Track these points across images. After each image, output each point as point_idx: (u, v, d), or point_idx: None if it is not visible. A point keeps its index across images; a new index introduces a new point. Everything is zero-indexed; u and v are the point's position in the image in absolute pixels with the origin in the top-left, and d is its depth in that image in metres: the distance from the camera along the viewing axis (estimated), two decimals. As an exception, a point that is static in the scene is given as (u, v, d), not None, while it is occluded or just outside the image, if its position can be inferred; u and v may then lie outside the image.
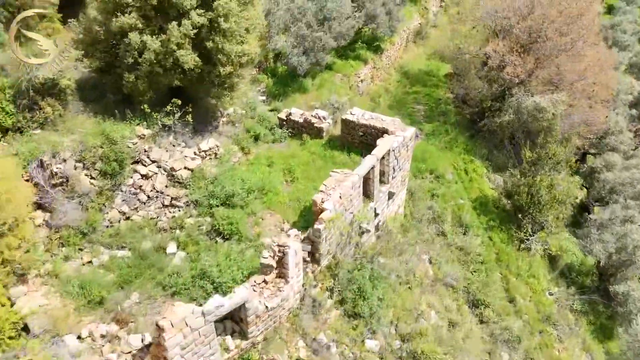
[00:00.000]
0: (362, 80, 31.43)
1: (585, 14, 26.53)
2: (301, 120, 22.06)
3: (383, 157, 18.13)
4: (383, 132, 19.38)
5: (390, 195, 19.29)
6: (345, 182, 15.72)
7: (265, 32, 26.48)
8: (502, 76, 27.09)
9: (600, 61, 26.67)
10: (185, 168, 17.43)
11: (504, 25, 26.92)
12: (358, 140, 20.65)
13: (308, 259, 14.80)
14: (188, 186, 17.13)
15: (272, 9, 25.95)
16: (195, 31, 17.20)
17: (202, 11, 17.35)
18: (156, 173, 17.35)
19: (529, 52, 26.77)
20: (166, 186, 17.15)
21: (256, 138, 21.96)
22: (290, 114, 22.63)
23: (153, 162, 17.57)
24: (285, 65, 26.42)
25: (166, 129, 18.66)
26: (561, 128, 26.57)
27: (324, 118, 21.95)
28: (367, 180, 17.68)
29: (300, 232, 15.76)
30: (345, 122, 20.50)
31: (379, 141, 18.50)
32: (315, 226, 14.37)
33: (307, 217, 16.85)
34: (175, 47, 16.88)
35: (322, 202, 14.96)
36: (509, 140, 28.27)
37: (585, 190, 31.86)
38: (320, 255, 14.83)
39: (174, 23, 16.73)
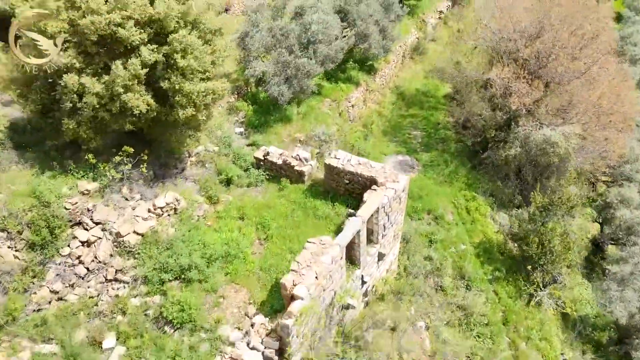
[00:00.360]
0: (353, 106, 28.68)
1: (601, 34, 23.80)
2: (280, 162, 19.28)
3: (372, 215, 15.38)
4: (371, 181, 16.61)
5: (381, 256, 16.53)
6: (323, 256, 12.95)
7: (242, 57, 23.84)
8: (508, 104, 24.34)
9: (617, 88, 23.92)
10: (134, 232, 14.62)
11: (509, 48, 24.16)
12: (343, 188, 17.88)
13: (275, 357, 12.02)
14: (137, 255, 14.33)
15: (250, 31, 23.21)
16: (146, 70, 14.44)
17: (155, 46, 14.59)
18: (100, 238, 14.56)
19: (537, 77, 24.03)
20: (111, 255, 14.37)
21: (229, 182, 19.20)
22: (267, 153, 19.85)
23: (97, 224, 14.78)
24: (267, 91, 23.68)
25: (117, 180, 15.90)
26: (574, 161, 23.84)
27: (306, 160, 19.16)
28: (351, 244, 14.93)
29: (268, 318, 12.99)
30: (329, 168, 17.72)
31: (366, 195, 15.74)
32: (283, 321, 11.59)
33: (280, 293, 14.05)
34: (121, 90, 14.11)
35: (294, 285, 12.18)
36: (515, 174, 25.49)
37: (598, 223, 29.19)
38: (290, 354, 12.05)
39: (119, 62, 13.95)
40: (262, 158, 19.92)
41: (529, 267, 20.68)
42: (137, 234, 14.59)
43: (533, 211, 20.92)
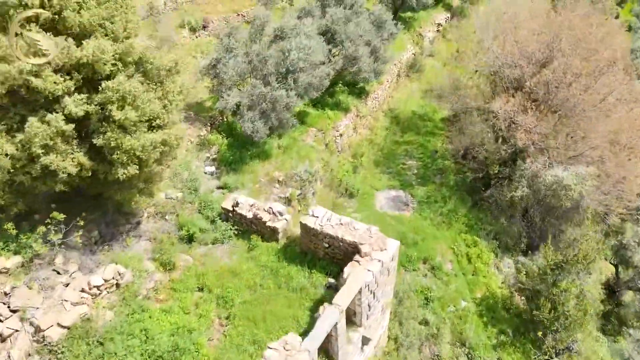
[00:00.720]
0: (341, 135, 25.97)
1: (618, 61, 21.13)
2: (250, 216, 16.56)
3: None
4: (354, 248, 13.92)
5: (366, 341, 13.82)
6: (287, 368, 10.23)
7: (214, 86, 21.18)
8: (513, 138, 21.66)
9: (637, 121, 21.23)
10: (58, 325, 11.90)
11: (514, 75, 21.47)
12: (323, 251, 15.18)
13: None
14: (59, 355, 11.61)
15: (223, 57, 20.52)
16: (73, 125, 11.76)
17: (85, 96, 11.89)
18: (17, 330, 11.85)
19: (546, 107, 21.36)
20: (29, 355, 11.64)
21: (190, 238, 16.53)
22: (237, 203, 17.13)
23: (15, 311, 12.07)
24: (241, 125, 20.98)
25: (50, 249, 13.21)
26: (587, 203, 21.18)
27: (280, 214, 16.45)
28: (328, 336, 12.21)
29: None
30: (306, 229, 15.01)
31: (346, 271, 13.04)
32: None
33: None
34: (40, 151, 11.42)
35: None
36: (521, 215, 22.81)
37: (611, 264, 26.49)
38: None
39: (34, 118, 11.25)
40: (231, 209, 17.22)
41: (540, 333, 17.96)
42: (62, 326, 11.86)
43: (544, 268, 18.20)
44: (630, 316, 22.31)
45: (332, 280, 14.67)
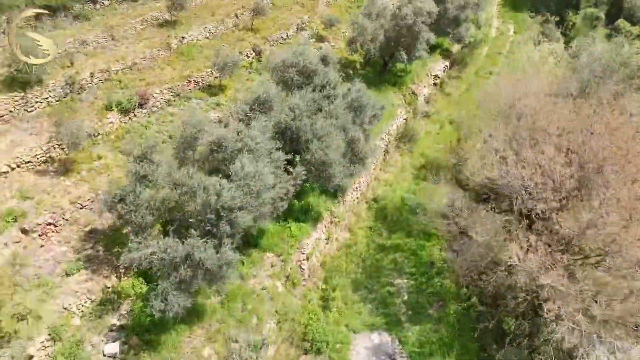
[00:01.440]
0: (308, 258, 20.03)
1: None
2: None
3: None
4: None
5: None
6: None
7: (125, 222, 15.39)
8: (536, 290, 15.81)
9: None
10: None
11: (535, 209, 15.60)
12: None
13: None
14: None
15: (134, 189, 14.69)
16: None
17: None
18: None
19: (581, 254, 15.55)
20: None
21: None
22: None
23: None
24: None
25: None
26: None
27: None
28: None
29: None
30: None
31: None
32: None
33: None
34: None
35: None
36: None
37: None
38: None
39: None
40: None
41: None
42: None
43: None
44: None
45: None
